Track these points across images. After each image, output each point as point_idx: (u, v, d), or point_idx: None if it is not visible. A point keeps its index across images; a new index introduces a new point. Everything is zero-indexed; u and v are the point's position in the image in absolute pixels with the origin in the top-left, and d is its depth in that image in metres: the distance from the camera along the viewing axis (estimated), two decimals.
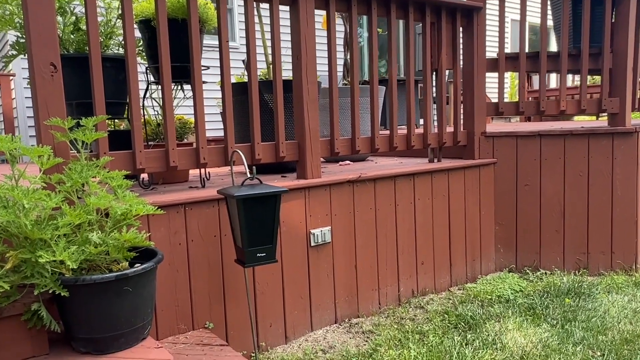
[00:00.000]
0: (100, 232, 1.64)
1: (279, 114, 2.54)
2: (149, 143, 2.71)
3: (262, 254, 1.99)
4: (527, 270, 3.44)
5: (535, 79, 8.38)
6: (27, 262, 1.52)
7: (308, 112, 2.60)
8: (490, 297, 2.99)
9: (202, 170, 2.58)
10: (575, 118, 8.41)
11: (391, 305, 2.92)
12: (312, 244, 2.57)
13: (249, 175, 2.02)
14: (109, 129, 2.46)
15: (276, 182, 2.51)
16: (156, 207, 1.72)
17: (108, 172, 1.81)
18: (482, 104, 3.44)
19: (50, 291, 1.50)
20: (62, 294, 1.49)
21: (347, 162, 3.57)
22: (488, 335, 2.50)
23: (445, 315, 2.75)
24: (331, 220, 2.66)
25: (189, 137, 3.18)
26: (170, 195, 2.23)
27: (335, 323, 2.71)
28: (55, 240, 1.53)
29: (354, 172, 2.87)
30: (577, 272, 3.37)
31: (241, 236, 1.95)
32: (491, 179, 3.47)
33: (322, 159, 3.07)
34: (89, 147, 1.86)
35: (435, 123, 3.40)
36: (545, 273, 3.39)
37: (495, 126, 5.28)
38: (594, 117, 8.04)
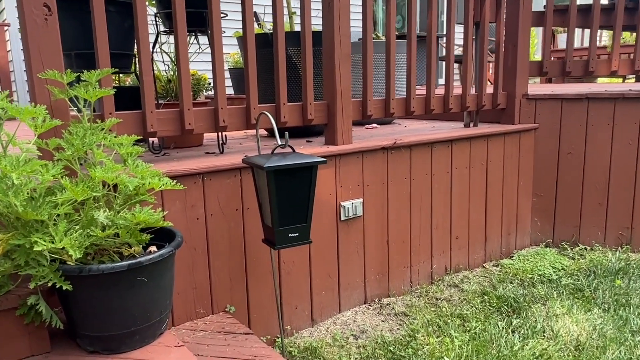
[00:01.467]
0: (107, 210, 1.37)
1: (308, 70, 2.22)
2: (159, 102, 2.40)
3: (295, 234, 1.72)
4: (565, 246, 3.18)
5: (560, 38, 7.90)
6: (20, 247, 1.25)
7: (340, 69, 2.27)
8: (530, 275, 2.75)
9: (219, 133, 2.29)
10: (599, 80, 8.00)
11: (423, 284, 2.68)
12: (343, 217, 2.30)
13: (280, 142, 1.72)
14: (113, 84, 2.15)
15: (302, 149, 2.22)
16: (174, 182, 1.43)
17: (115, 136, 1.52)
18: (525, 62, 3.10)
19: (49, 283, 1.24)
20: (65, 287, 1.23)
21: (374, 125, 3.27)
22: (536, 321, 2.26)
23: (485, 297, 2.51)
24: (363, 192, 2.38)
25: (201, 95, 2.87)
26: (186, 163, 1.95)
27: (365, 303, 2.47)
28: (54, 222, 1.26)
29: (387, 138, 2.57)
30: (620, 248, 3.11)
31: (271, 214, 1.67)
32: (531, 146, 3.17)
33: None
34: (92, 106, 1.56)
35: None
36: (585, 249, 3.14)
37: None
38: (621, 80, 7.62)
